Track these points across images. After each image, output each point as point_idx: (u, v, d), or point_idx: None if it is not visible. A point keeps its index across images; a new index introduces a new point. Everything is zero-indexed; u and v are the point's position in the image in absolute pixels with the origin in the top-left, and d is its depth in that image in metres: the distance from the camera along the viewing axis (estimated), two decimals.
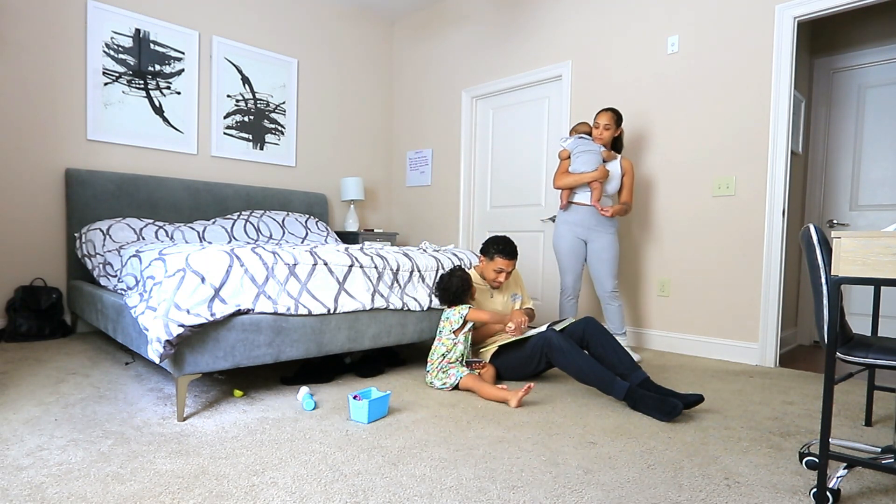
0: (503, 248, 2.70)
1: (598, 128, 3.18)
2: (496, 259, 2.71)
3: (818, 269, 1.50)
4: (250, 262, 2.20)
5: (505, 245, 2.70)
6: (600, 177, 3.11)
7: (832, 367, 1.40)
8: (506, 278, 2.76)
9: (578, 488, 1.48)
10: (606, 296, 3.22)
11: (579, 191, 3.23)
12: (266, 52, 4.59)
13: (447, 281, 2.60)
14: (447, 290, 2.59)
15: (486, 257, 2.77)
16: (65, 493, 1.39)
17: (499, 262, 2.71)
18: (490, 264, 2.74)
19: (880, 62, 3.80)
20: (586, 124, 3.37)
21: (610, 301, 3.23)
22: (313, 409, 2.14)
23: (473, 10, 4.77)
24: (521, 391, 2.21)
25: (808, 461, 1.59)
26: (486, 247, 2.76)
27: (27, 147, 3.52)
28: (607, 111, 3.19)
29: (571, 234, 3.25)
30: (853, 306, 3.90)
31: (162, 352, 1.89)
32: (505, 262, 2.70)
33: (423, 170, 5.25)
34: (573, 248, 3.25)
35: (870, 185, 3.84)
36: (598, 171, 3.12)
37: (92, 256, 3.27)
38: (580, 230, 3.24)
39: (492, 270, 2.73)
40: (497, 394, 2.29)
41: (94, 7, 3.71)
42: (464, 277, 2.59)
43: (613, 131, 3.19)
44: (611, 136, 3.20)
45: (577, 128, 3.38)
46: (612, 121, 3.17)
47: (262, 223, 4.16)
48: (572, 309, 3.32)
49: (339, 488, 1.45)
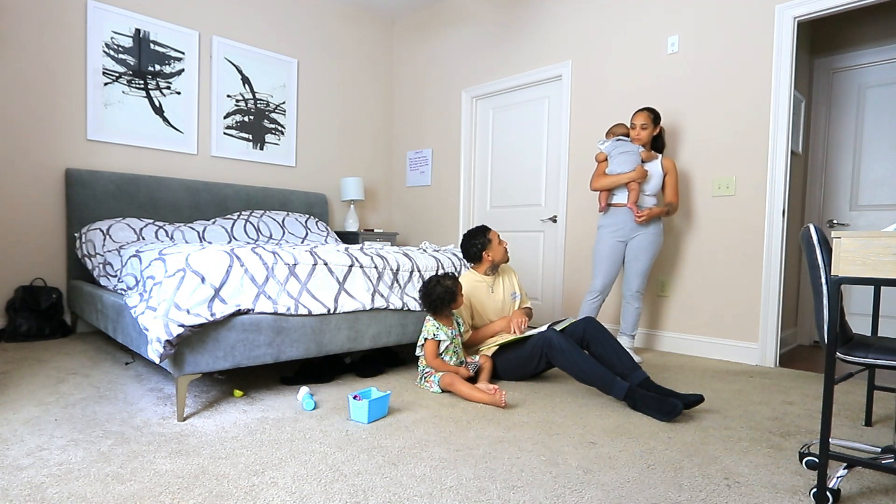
0: (483, 228, 2.80)
1: (635, 128, 3.13)
2: (491, 238, 2.79)
3: (818, 269, 1.49)
4: (250, 262, 2.20)
5: (480, 227, 2.81)
6: (638, 177, 3.05)
7: (832, 367, 1.40)
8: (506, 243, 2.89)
9: (578, 488, 1.48)
10: (629, 295, 3.19)
11: (618, 192, 3.16)
12: (266, 52, 4.59)
13: (431, 287, 2.48)
14: (428, 296, 2.48)
15: (486, 250, 2.79)
16: (65, 493, 1.39)
17: (494, 238, 2.81)
18: (491, 245, 2.79)
19: (880, 62, 3.80)
20: (623, 125, 3.32)
21: (631, 301, 3.19)
22: (313, 409, 2.14)
23: (473, 10, 4.77)
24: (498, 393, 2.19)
25: (808, 461, 1.59)
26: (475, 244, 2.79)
27: (27, 147, 3.52)
28: (643, 111, 3.13)
29: (612, 237, 3.18)
30: (853, 306, 3.90)
31: (162, 352, 1.89)
32: (496, 234, 2.82)
33: (423, 170, 5.25)
34: (612, 252, 3.18)
35: (870, 185, 3.84)
36: (635, 171, 3.05)
37: (92, 256, 3.27)
38: (621, 232, 3.17)
39: (497, 247, 2.81)
40: (479, 397, 2.25)
41: (94, 7, 3.72)
42: (450, 289, 2.46)
43: (651, 130, 3.13)
44: (649, 136, 3.13)
45: (613, 130, 3.32)
46: (649, 120, 3.11)
47: (262, 223, 4.16)
48: (592, 310, 3.23)
49: (339, 488, 1.45)
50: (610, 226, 3.20)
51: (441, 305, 2.47)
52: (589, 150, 3.97)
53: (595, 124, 3.94)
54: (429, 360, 2.46)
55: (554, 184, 4.25)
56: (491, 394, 2.23)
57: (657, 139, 3.23)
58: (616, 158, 3.16)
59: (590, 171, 3.96)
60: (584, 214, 4.00)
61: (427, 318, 2.51)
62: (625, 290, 3.22)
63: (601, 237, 3.23)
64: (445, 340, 2.47)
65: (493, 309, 2.82)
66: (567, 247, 4.12)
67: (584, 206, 4.00)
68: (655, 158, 3.18)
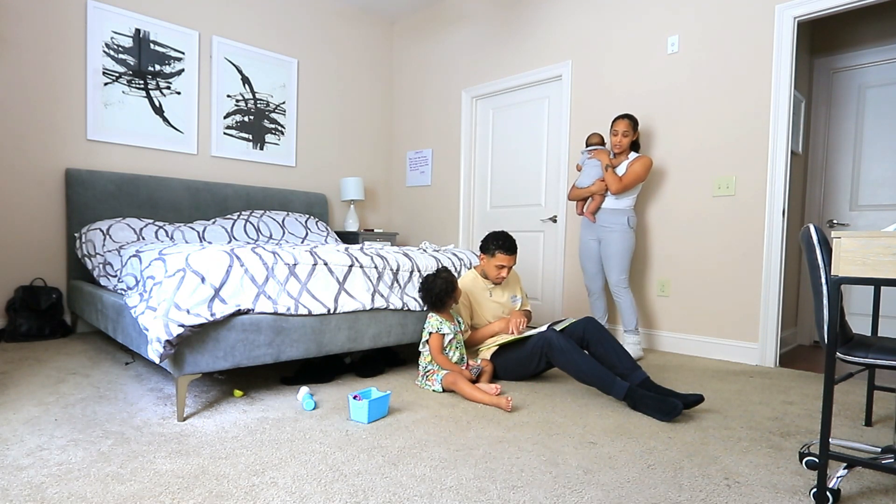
0: (503, 244, 2.70)
1: (617, 135, 3.30)
2: (497, 255, 2.71)
3: (818, 269, 1.49)
4: (250, 262, 2.20)
5: (504, 240, 2.71)
6: (597, 191, 3.36)
7: (832, 367, 1.40)
8: (507, 273, 2.77)
9: (578, 488, 1.48)
10: (611, 289, 3.35)
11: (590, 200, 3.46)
12: (266, 52, 4.59)
13: (431, 282, 2.53)
14: (430, 291, 2.51)
15: (486, 255, 2.75)
16: (65, 493, 1.39)
17: (500, 258, 2.71)
18: (491, 261, 2.73)
19: (880, 62, 3.79)
20: (597, 135, 3.53)
21: (616, 294, 3.33)
22: (313, 409, 2.14)
23: (473, 10, 4.76)
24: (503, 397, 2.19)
25: (808, 461, 1.59)
26: (485, 244, 2.76)
27: (27, 147, 3.52)
28: (623, 118, 3.30)
29: (586, 238, 3.49)
30: (853, 306, 3.90)
31: (162, 352, 1.89)
32: (506, 258, 2.71)
33: (423, 170, 5.25)
34: (589, 252, 3.47)
35: (870, 185, 3.84)
36: (594, 185, 3.37)
37: (92, 256, 3.27)
38: (592, 233, 3.45)
39: (493, 267, 2.73)
40: (482, 397, 2.25)
41: (94, 7, 3.71)
42: (448, 280, 2.51)
43: (632, 136, 3.32)
44: (629, 142, 3.33)
45: (587, 139, 3.56)
46: (630, 127, 3.29)
47: (262, 223, 4.16)
48: (597, 309, 3.52)
49: (339, 488, 1.45)
50: (584, 228, 3.51)
51: (444, 297, 2.50)
52: None
53: (595, 124, 3.93)
54: (434, 355, 2.46)
55: (554, 184, 4.25)
56: (493, 394, 2.24)
57: (634, 142, 3.40)
58: (583, 171, 3.48)
59: None
60: None
61: (430, 315, 2.53)
62: (610, 287, 3.38)
63: (581, 240, 3.54)
64: (449, 334, 2.49)
65: (491, 309, 2.81)
66: (567, 247, 4.12)
67: None
68: (621, 163, 3.34)
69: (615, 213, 3.32)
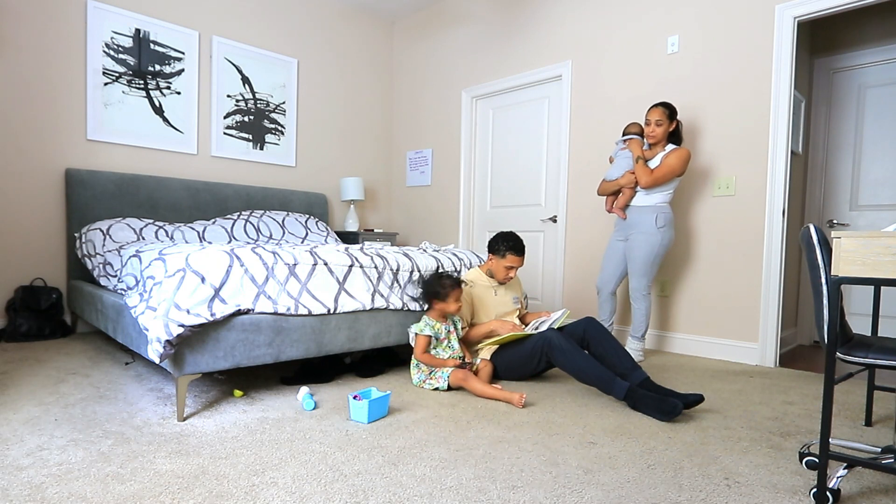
0: (514, 245, 2.72)
1: (650, 124, 3.07)
2: (508, 256, 2.72)
3: (818, 269, 1.49)
4: (250, 262, 2.20)
5: (515, 241, 2.73)
6: (626, 184, 3.14)
7: (832, 367, 1.40)
8: (514, 274, 2.79)
9: (578, 488, 1.48)
10: (631, 293, 3.19)
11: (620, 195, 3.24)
12: (266, 52, 4.59)
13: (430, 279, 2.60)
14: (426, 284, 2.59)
15: (495, 255, 2.76)
16: (65, 493, 1.39)
17: (511, 259, 2.72)
18: (501, 262, 2.74)
19: (880, 62, 3.79)
20: (636, 124, 3.29)
21: (633, 301, 3.18)
22: (313, 409, 2.14)
23: (473, 9, 4.76)
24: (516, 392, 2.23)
25: (808, 461, 1.59)
26: (495, 244, 2.76)
27: (27, 147, 3.52)
28: (657, 107, 3.06)
29: (614, 237, 3.30)
30: (853, 306, 3.90)
31: (162, 352, 1.89)
32: (516, 259, 2.73)
33: (423, 170, 5.25)
34: (612, 251, 3.29)
35: (870, 185, 3.84)
36: (623, 177, 3.16)
37: (92, 256, 3.27)
38: (621, 232, 3.26)
39: (503, 268, 2.75)
40: (493, 392, 2.29)
41: (94, 7, 3.71)
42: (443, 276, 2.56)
43: (667, 126, 3.06)
44: (664, 132, 3.07)
45: (626, 129, 3.32)
46: (664, 116, 3.04)
47: (262, 223, 4.16)
48: (604, 310, 3.33)
49: (339, 488, 1.45)
50: (615, 226, 3.33)
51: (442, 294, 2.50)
52: (589, 149, 3.97)
53: (595, 124, 3.93)
54: (416, 355, 2.50)
55: (554, 184, 4.25)
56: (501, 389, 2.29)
57: (674, 133, 3.13)
58: (615, 162, 3.27)
59: (590, 171, 3.96)
60: (585, 214, 4.00)
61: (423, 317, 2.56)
62: (629, 289, 3.24)
63: (611, 237, 3.35)
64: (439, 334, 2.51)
65: (494, 308, 2.82)
66: (567, 247, 4.12)
67: (584, 206, 4.00)
68: (655, 155, 3.11)
69: (643, 211, 3.11)
